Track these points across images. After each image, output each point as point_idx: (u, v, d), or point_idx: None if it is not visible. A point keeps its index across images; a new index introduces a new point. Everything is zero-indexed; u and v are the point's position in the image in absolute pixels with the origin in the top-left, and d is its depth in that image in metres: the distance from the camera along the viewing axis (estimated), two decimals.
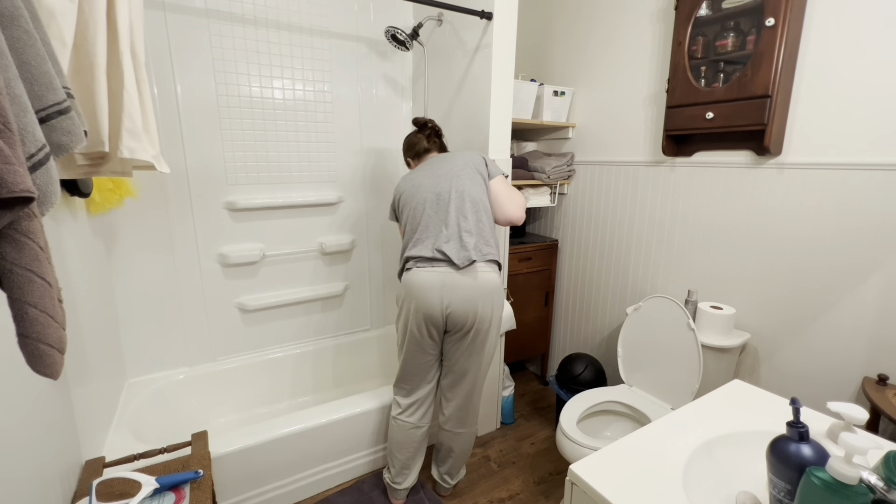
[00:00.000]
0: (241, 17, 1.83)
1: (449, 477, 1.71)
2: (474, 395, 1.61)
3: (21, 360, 0.54)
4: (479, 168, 1.53)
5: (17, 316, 0.52)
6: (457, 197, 1.47)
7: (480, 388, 1.63)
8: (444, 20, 2.00)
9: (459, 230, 1.44)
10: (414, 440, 1.61)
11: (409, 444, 1.61)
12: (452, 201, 1.46)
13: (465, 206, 1.46)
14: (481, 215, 1.48)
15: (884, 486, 0.59)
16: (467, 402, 1.60)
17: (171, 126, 1.76)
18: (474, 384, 1.59)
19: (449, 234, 1.44)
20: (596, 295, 2.28)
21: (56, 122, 0.65)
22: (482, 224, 1.48)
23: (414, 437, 1.60)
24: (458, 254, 1.42)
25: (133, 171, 1.17)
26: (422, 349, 1.51)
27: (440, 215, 1.47)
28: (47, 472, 1.03)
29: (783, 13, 1.38)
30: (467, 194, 1.47)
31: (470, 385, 1.58)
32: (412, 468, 1.65)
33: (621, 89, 2.05)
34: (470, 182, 1.49)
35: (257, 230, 2.03)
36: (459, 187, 1.47)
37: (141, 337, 1.85)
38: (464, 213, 1.46)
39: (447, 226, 1.45)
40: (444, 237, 1.44)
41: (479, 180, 1.51)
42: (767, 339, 1.64)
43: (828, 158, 1.43)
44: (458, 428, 1.62)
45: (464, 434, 1.64)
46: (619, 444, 0.83)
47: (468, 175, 1.50)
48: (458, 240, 1.44)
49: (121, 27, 0.95)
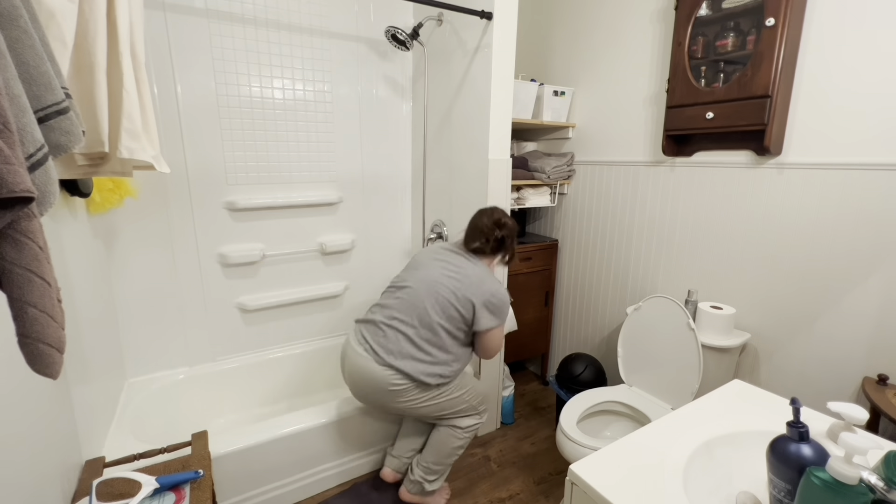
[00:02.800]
0: (241, 17, 1.83)
1: (425, 473, 1.62)
2: (443, 430, 1.60)
3: (21, 359, 0.54)
4: (462, 309, 1.45)
5: (16, 316, 0.52)
6: (412, 303, 1.48)
7: (454, 418, 1.59)
8: (444, 20, 2.00)
9: (388, 326, 1.49)
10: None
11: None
12: (406, 303, 1.49)
13: (412, 317, 1.47)
14: (425, 331, 1.46)
15: (884, 486, 0.59)
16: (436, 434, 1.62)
17: (171, 126, 1.76)
18: (440, 426, 1.60)
19: (388, 324, 1.48)
20: (596, 295, 2.28)
21: (55, 123, 0.65)
22: (416, 340, 1.46)
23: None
24: (369, 345, 1.49)
25: (133, 171, 1.17)
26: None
27: (403, 304, 1.49)
28: (47, 472, 1.03)
29: (783, 13, 1.38)
30: (427, 315, 1.46)
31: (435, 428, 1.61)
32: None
33: (621, 89, 2.05)
34: (436, 310, 1.46)
35: (257, 230, 2.03)
36: (427, 305, 1.46)
37: (141, 337, 1.85)
38: (407, 319, 1.47)
39: (394, 323, 1.48)
40: (384, 322, 1.49)
41: (449, 314, 1.46)
42: (767, 339, 1.64)
43: (828, 158, 1.43)
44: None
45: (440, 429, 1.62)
46: (619, 443, 0.83)
47: (441, 305, 1.46)
48: (377, 330, 1.50)
49: (121, 27, 0.95)
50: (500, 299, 1.51)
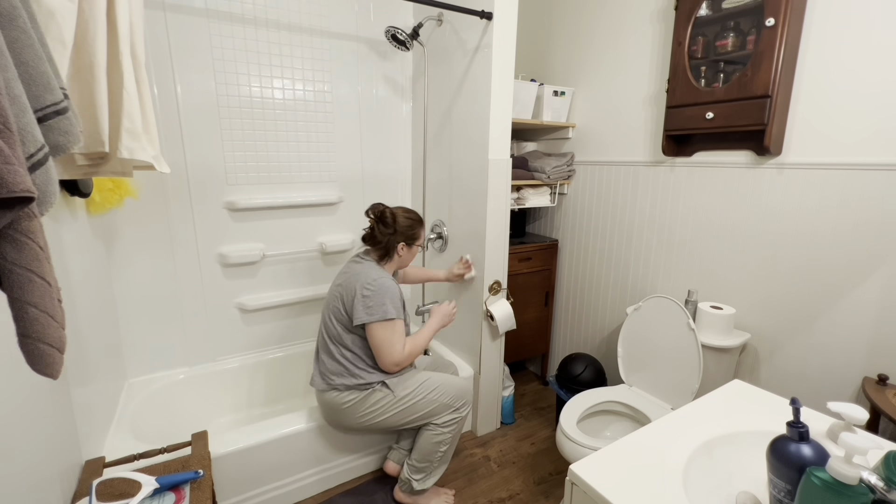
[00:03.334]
0: (241, 17, 1.83)
1: (412, 472, 1.62)
2: (423, 431, 1.62)
3: (21, 359, 0.54)
4: (347, 305, 1.49)
5: (16, 316, 0.52)
6: (322, 324, 1.59)
7: (430, 420, 1.60)
8: (444, 20, 2.00)
9: (318, 354, 1.60)
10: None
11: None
12: (322, 334, 1.59)
13: (324, 336, 1.57)
14: (343, 349, 1.53)
15: (884, 486, 0.59)
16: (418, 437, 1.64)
17: (171, 126, 1.76)
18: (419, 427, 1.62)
19: (319, 356, 1.60)
20: (596, 295, 2.28)
21: (54, 123, 0.65)
22: (343, 355, 1.53)
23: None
24: (314, 377, 1.59)
25: (133, 171, 1.17)
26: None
27: (319, 334, 1.61)
28: (47, 472, 1.03)
29: (783, 13, 1.38)
30: (329, 330, 1.56)
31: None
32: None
33: (621, 89, 2.05)
34: (332, 320, 1.55)
35: (257, 230, 2.03)
36: (325, 322, 1.57)
37: (141, 337, 1.85)
38: (323, 339, 1.58)
39: (321, 351, 1.60)
40: (317, 356, 1.61)
41: (339, 317, 1.53)
42: (767, 339, 1.64)
43: (828, 158, 1.43)
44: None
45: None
46: (619, 443, 0.83)
47: (334, 312, 1.54)
48: (315, 362, 1.61)
49: (121, 27, 0.95)
50: (374, 289, 1.43)
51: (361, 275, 1.49)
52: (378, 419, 1.53)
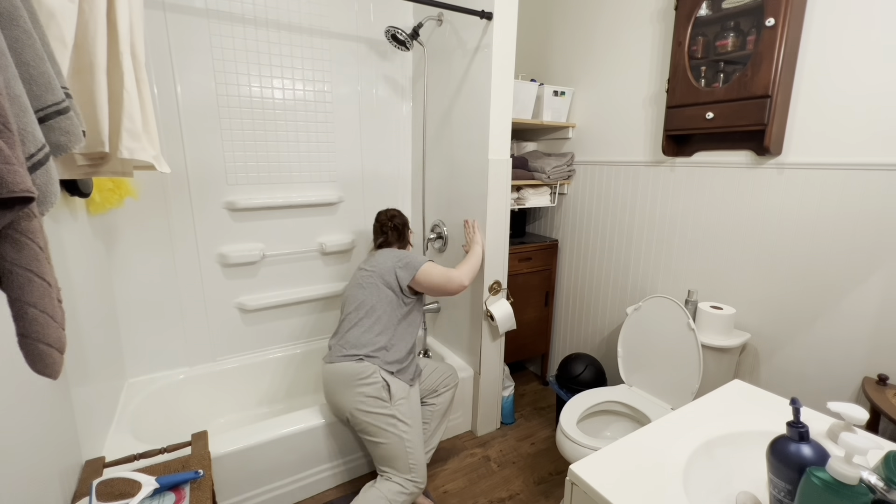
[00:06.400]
0: (241, 17, 1.83)
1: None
2: (371, 491, 1.47)
3: (21, 360, 0.54)
4: (386, 279, 1.63)
5: (16, 316, 0.52)
6: (357, 307, 1.63)
7: (404, 454, 1.50)
8: (444, 20, 2.00)
9: (347, 334, 1.62)
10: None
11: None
12: (353, 310, 1.63)
13: (361, 316, 1.61)
14: (373, 322, 1.60)
15: (884, 486, 0.59)
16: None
17: (171, 126, 1.76)
18: (384, 460, 1.51)
19: (341, 333, 1.64)
20: (596, 295, 2.28)
21: (55, 123, 0.65)
22: (371, 329, 1.59)
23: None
24: (333, 352, 1.62)
25: (133, 171, 1.17)
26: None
27: (348, 317, 1.65)
28: (47, 472, 1.03)
29: (783, 13, 1.38)
30: (365, 304, 1.62)
31: (379, 458, 1.52)
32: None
33: (621, 89, 2.05)
34: (375, 294, 1.63)
35: (257, 230, 2.03)
36: (361, 297, 1.64)
37: (141, 337, 1.85)
38: (358, 322, 1.61)
39: (344, 328, 1.63)
40: (339, 335, 1.64)
41: (384, 292, 1.62)
42: (767, 339, 1.64)
43: (828, 158, 1.43)
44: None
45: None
46: (619, 444, 0.83)
47: (373, 285, 1.64)
48: (341, 339, 1.62)
49: (121, 27, 0.95)
50: (405, 256, 1.67)
51: (392, 254, 1.69)
52: (365, 408, 1.49)
